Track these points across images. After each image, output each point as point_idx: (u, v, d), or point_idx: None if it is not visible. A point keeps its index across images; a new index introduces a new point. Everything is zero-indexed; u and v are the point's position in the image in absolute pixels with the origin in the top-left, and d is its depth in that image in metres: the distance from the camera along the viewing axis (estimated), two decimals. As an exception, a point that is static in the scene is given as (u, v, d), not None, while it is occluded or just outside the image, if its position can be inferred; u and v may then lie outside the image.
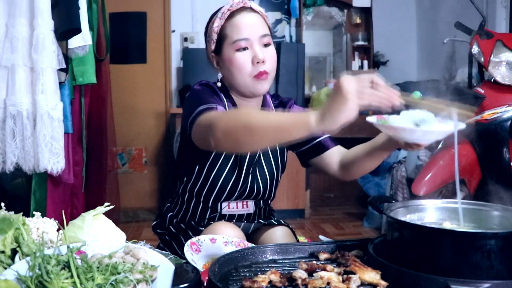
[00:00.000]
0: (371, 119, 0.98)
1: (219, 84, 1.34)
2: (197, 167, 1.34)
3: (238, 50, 1.24)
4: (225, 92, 1.33)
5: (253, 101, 1.35)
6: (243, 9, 1.27)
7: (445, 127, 0.96)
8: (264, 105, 1.40)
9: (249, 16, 1.26)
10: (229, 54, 1.25)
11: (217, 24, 1.28)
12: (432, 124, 0.95)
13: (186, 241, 1.30)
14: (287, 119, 0.95)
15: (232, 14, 1.26)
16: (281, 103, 1.46)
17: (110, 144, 2.85)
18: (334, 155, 1.36)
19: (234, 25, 1.25)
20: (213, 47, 1.31)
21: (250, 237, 1.35)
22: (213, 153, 1.31)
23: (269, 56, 1.26)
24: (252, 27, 1.25)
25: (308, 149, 1.39)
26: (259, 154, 1.36)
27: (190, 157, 1.35)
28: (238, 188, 1.34)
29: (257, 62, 1.23)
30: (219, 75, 1.33)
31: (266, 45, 1.26)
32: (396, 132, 0.97)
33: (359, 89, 0.85)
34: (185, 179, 1.38)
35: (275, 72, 1.31)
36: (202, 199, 1.36)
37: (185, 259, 1.05)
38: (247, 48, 1.24)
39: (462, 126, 0.93)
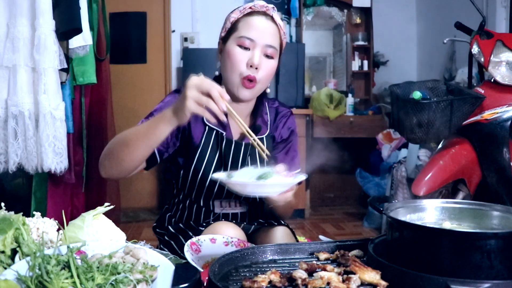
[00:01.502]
0: (217, 175, 1.07)
1: (216, 73, 1.35)
2: (181, 172, 1.35)
3: (240, 46, 1.24)
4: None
5: (241, 105, 1.33)
6: (263, 13, 1.27)
7: (282, 180, 1.05)
8: (256, 111, 1.37)
9: (265, 22, 1.26)
10: (231, 46, 1.26)
11: (234, 15, 1.29)
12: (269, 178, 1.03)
13: (185, 241, 1.31)
14: (152, 120, 1.09)
15: (252, 13, 1.27)
16: (278, 111, 1.43)
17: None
18: None
19: (247, 22, 1.26)
20: (223, 34, 1.32)
21: (250, 237, 1.35)
22: (196, 158, 1.31)
23: (265, 67, 1.25)
24: (263, 32, 1.25)
25: None
26: (247, 156, 1.35)
27: (175, 163, 1.36)
28: (226, 187, 1.34)
29: (251, 66, 1.23)
30: (218, 64, 1.34)
31: (268, 56, 1.26)
32: (234, 187, 1.03)
33: (196, 97, 0.99)
34: (173, 181, 1.40)
35: (265, 85, 1.30)
36: (193, 198, 1.37)
37: (185, 259, 1.05)
38: (249, 49, 1.24)
39: (302, 178, 1.04)
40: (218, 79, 1.34)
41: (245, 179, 1.03)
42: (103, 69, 2.58)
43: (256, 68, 1.24)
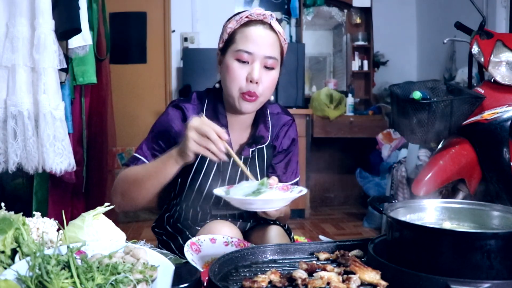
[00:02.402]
0: (217, 191, 1.07)
1: (217, 85, 1.33)
2: (179, 181, 1.36)
3: (238, 60, 1.21)
4: (219, 96, 1.32)
5: (243, 116, 1.32)
6: (261, 22, 1.22)
7: (284, 195, 1.08)
8: (257, 120, 1.35)
9: (264, 32, 1.21)
10: (229, 60, 1.23)
11: (231, 25, 1.25)
12: (268, 193, 1.05)
13: (183, 240, 1.31)
14: (159, 161, 1.16)
15: (249, 23, 1.22)
16: (280, 120, 1.41)
17: (110, 144, 2.85)
18: None
19: (244, 34, 1.21)
20: (221, 45, 1.29)
21: (245, 235, 1.36)
22: (194, 168, 1.30)
23: (266, 80, 1.22)
24: (261, 44, 1.20)
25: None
26: (247, 167, 1.34)
27: None
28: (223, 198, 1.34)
29: (250, 81, 1.20)
30: (218, 76, 1.32)
31: (268, 68, 1.22)
32: (235, 203, 1.05)
33: (196, 139, 1.05)
34: (171, 189, 1.41)
35: (268, 97, 1.28)
36: (190, 205, 1.37)
37: (185, 258, 1.05)
38: (248, 63, 1.21)
39: (303, 192, 1.06)
40: (219, 91, 1.32)
41: (243, 195, 1.05)
42: (103, 69, 2.58)
43: (256, 83, 1.20)
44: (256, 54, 1.20)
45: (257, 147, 1.34)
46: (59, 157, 1.87)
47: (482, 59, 2.15)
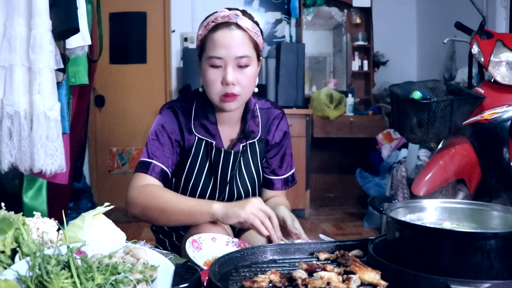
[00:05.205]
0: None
1: (200, 89, 1.34)
2: (173, 180, 1.37)
3: (211, 66, 1.23)
4: (206, 95, 1.33)
5: (229, 114, 1.33)
6: (226, 24, 1.22)
7: None
8: (245, 115, 1.37)
9: (230, 33, 1.22)
10: (204, 66, 1.25)
11: (201, 32, 1.27)
12: None
13: (177, 239, 1.35)
14: (195, 206, 1.19)
15: (215, 28, 1.23)
16: (270, 114, 1.42)
17: (109, 144, 2.85)
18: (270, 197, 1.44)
19: (212, 40, 1.22)
20: (198, 51, 1.32)
21: (237, 235, 1.36)
22: (187, 166, 1.33)
23: (242, 79, 1.23)
24: (230, 46, 1.21)
25: (264, 174, 1.45)
26: (239, 160, 1.35)
27: None
28: (217, 193, 1.35)
29: (226, 84, 1.22)
30: (201, 80, 1.33)
31: (242, 67, 1.23)
32: None
33: (255, 213, 1.14)
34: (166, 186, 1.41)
35: (249, 93, 1.29)
36: None
37: (180, 257, 1.06)
38: (221, 67, 1.22)
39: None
40: (204, 94, 1.33)
41: None
42: (91, 70, 2.56)
43: (232, 84, 1.22)
44: (226, 58, 1.21)
45: (248, 141, 1.36)
46: (50, 158, 1.85)
47: (482, 59, 2.15)
